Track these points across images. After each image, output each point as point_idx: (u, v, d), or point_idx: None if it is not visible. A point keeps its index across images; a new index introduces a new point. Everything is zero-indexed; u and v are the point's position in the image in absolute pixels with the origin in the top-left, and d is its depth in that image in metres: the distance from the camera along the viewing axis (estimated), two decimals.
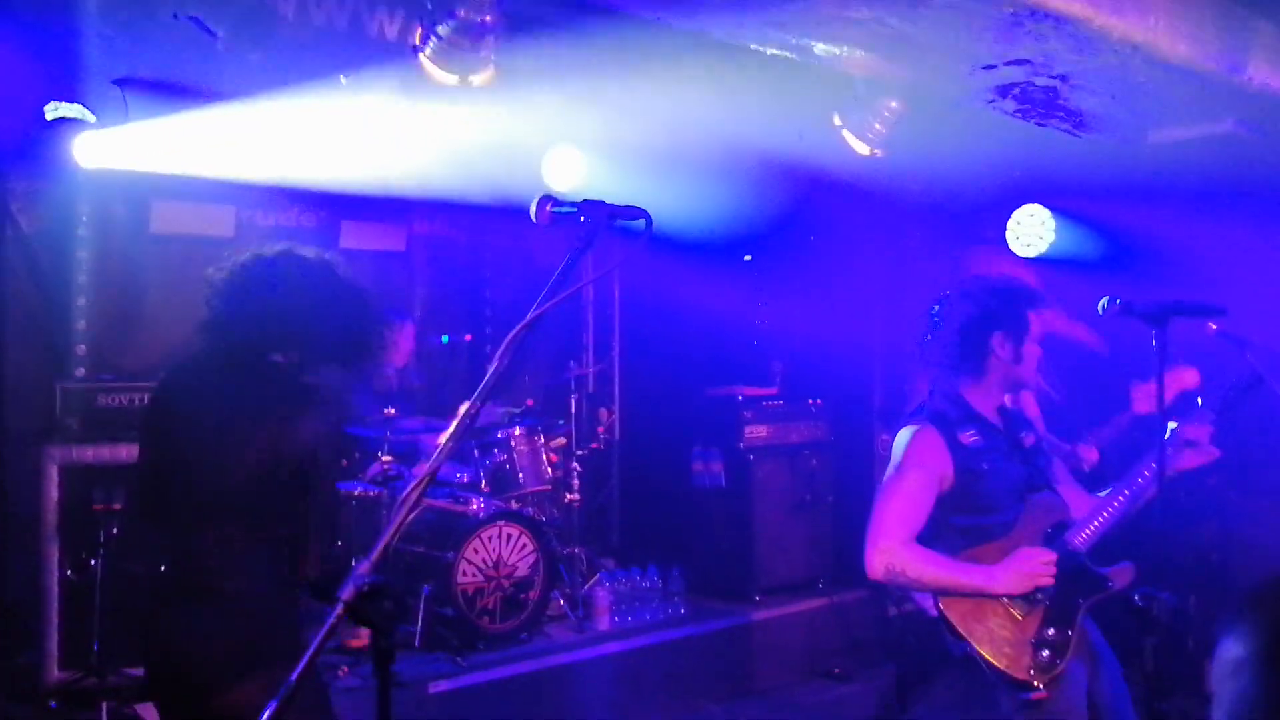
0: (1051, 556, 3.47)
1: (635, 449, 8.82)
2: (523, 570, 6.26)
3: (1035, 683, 3.40)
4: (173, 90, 5.79)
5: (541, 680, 6.05)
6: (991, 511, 3.59)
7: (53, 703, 5.27)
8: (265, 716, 1.96)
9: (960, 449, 3.58)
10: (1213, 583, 5.85)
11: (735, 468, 7.55)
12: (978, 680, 3.54)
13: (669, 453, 8.02)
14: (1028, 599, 3.46)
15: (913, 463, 3.58)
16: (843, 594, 7.55)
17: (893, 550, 3.48)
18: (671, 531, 7.96)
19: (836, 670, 7.18)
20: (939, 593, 3.51)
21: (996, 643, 3.45)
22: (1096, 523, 3.58)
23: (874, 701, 6.70)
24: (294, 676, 1.99)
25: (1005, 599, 3.46)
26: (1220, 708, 1.54)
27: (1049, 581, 3.45)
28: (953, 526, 3.60)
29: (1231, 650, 1.54)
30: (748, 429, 7.56)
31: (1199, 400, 3.98)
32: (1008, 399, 3.85)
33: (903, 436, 3.67)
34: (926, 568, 3.47)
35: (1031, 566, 3.44)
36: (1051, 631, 3.45)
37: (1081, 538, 3.58)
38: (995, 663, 3.43)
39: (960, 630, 3.47)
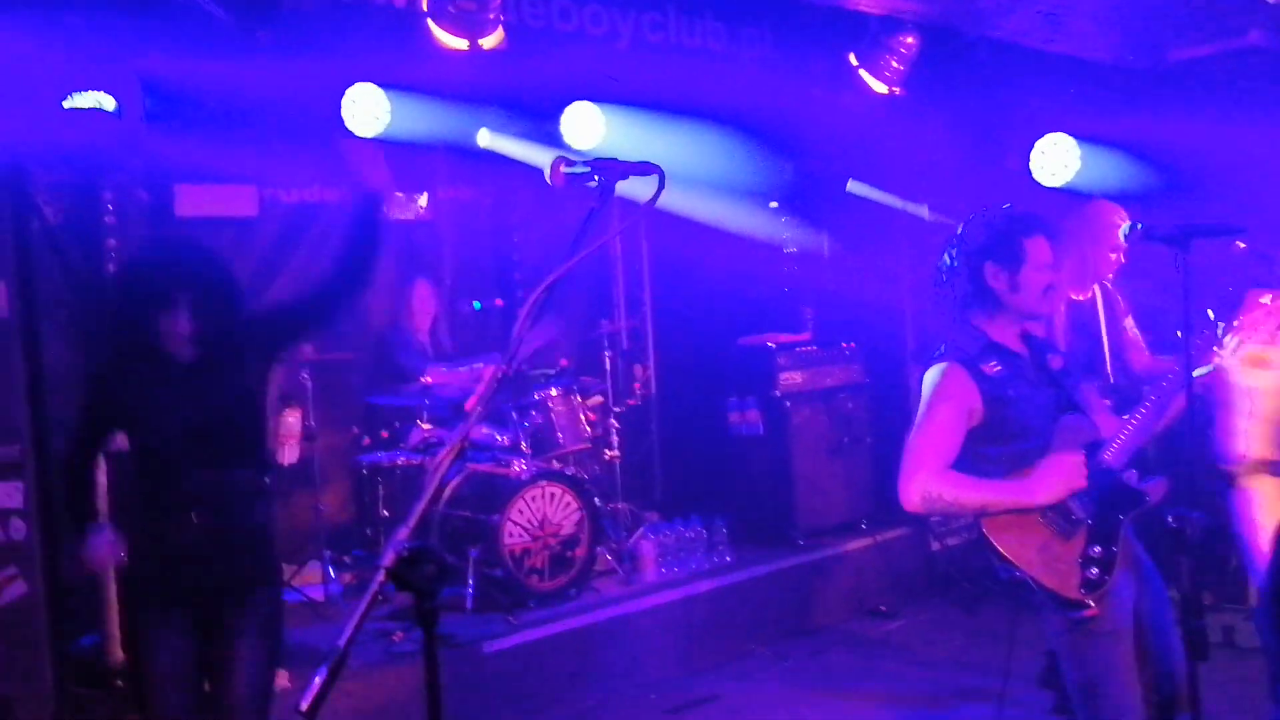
0: (1079, 457, 3.47)
1: (672, 403, 8.86)
2: (568, 528, 6.32)
3: (1087, 600, 3.41)
4: (188, 73, 5.82)
5: (593, 634, 6.12)
6: (1023, 438, 3.57)
7: (119, 682, 5.37)
8: (319, 683, 2.02)
9: (985, 380, 3.57)
10: None
11: (772, 415, 7.57)
12: (1025, 604, 3.55)
13: (706, 404, 8.06)
14: (1069, 520, 3.45)
15: (940, 398, 3.58)
16: (885, 533, 7.60)
17: (927, 478, 3.48)
18: (712, 482, 8.01)
19: (883, 608, 7.24)
20: (978, 513, 3.51)
21: (1045, 563, 3.44)
22: (1123, 435, 3.56)
23: (919, 637, 6.75)
24: (342, 643, 2.04)
25: (1047, 520, 3.45)
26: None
27: (1083, 483, 3.45)
28: (987, 458, 3.58)
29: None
30: (782, 376, 7.57)
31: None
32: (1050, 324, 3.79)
33: (929, 376, 3.66)
34: (961, 490, 3.48)
35: (1064, 470, 3.45)
36: (1097, 549, 3.45)
37: (1112, 452, 3.55)
38: (1045, 583, 3.42)
39: (1007, 555, 3.46)
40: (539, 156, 7.02)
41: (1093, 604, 3.41)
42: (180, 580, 3.54)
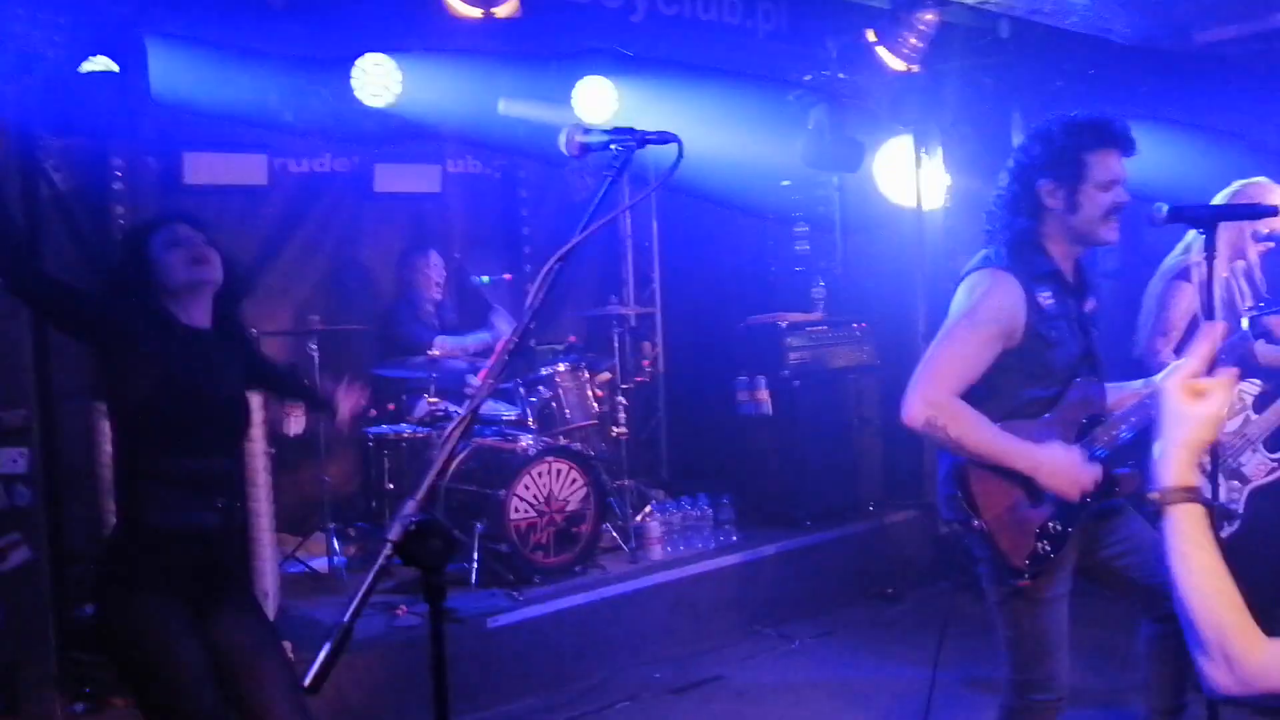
0: (1098, 474, 3.30)
1: (681, 380, 8.82)
2: (574, 504, 6.29)
3: (1026, 573, 3.32)
4: (199, 41, 5.77)
5: (597, 611, 6.10)
6: (1043, 384, 3.39)
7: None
8: (322, 658, 1.99)
9: (1036, 309, 3.32)
10: None
11: (781, 394, 7.52)
12: (968, 551, 3.47)
13: (714, 383, 8.01)
14: (1041, 492, 3.33)
15: (984, 312, 3.32)
16: (892, 515, 7.57)
17: (940, 405, 3.28)
18: (720, 461, 7.98)
19: (889, 590, 7.20)
20: (974, 459, 3.32)
21: (1008, 524, 3.33)
22: (1125, 426, 3.43)
23: (925, 621, 6.71)
24: (347, 618, 2.00)
25: (1026, 486, 3.32)
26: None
27: (1078, 498, 3.29)
28: (995, 386, 3.38)
29: None
30: (792, 355, 7.52)
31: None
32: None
33: (976, 280, 3.39)
34: (973, 432, 3.27)
35: (1079, 475, 3.28)
36: (1057, 526, 3.34)
37: (1108, 437, 3.42)
38: (1000, 543, 3.32)
39: (977, 502, 3.34)
40: (558, 123, 6.97)
41: (1029, 578, 3.33)
42: (189, 565, 3.32)
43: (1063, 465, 3.29)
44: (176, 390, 3.28)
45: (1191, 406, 1.99)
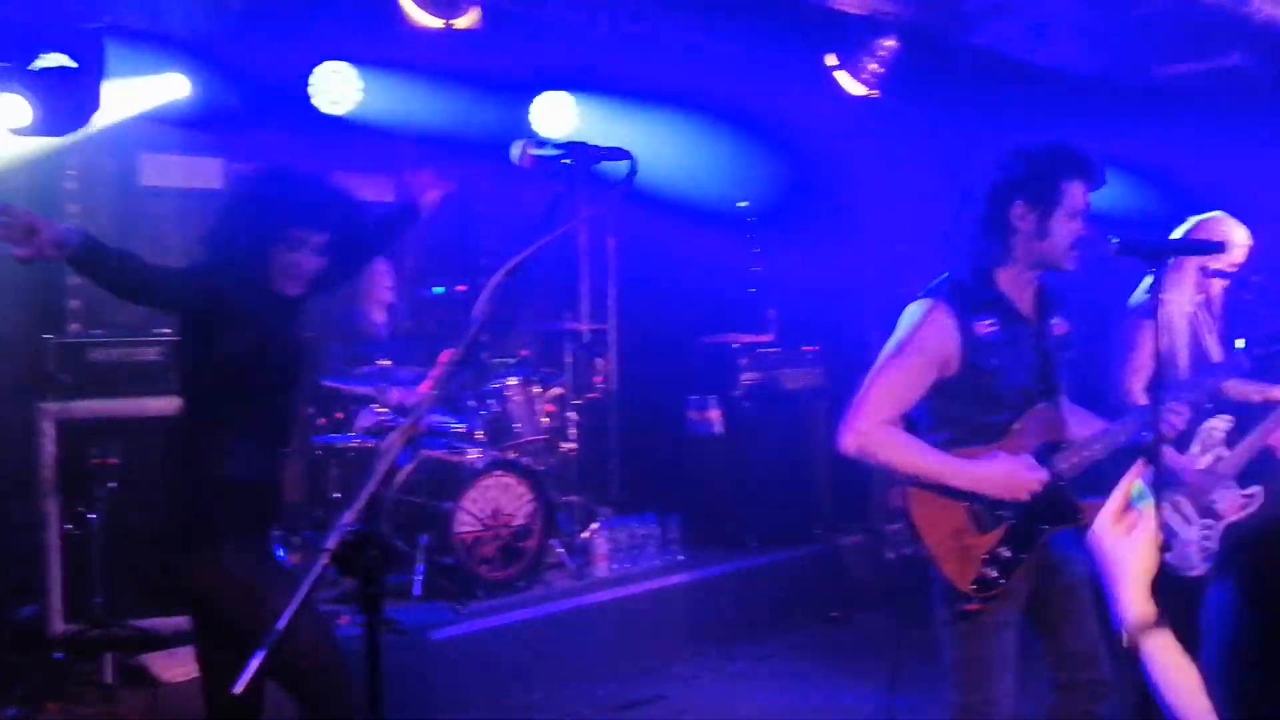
0: (1040, 474, 3.30)
1: (632, 398, 8.80)
2: (520, 519, 6.27)
3: (973, 597, 3.31)
4: (157, 40, 5.73)
5: (541, 627, 6.07)
6: (991, 409, 3.38)
7: (58, 654, 5.29)
8: (255, 664, 1.97)
9: (971, 338, 3.31)
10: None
11: (732, 415, 7.53)
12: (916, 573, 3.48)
13: (666, 401, 8.00)
14: (994, 515, 3.33)
15: (913, 344, 3.34)
16: (840, 539, 7.58)
17: (869, 433, 3.31)
18: (669, 480, 7.96)
19: (834, 614, 7.21)
20: (912, 481, 3.33)
21: (951, 549, 3.32)
22: (1088, 451, 3.44)
23: (868, 646, 6.72)
24: (281, 624, 1.99)
25: (972, 508, 3.33)
26: (1208, 646, 1.55)
27: (1027, 497, 3.29)
28: (944, 414, 3.39)
29: (1217, 594, 1.55)
30: (744, 376, 7.54)
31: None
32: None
33: (912, 311, 3.39)
34: (900, 454, 3.30)
35: (1018, 479, 3.27)
36: (1007, 552, 3.33)
37: (1070, 464, 3.43)
38: (944, 567, 3.32)
39: (918, 527, 3.34)
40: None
41: (977, 603, 3.33)
42: (265, 511, 3.59)
43: (1003, 471, 3.29)
44: (260, 351, 3.43)
45: (1125, 542, 2.02)
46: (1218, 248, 3.90)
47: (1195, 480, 4.58)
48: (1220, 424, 4.69)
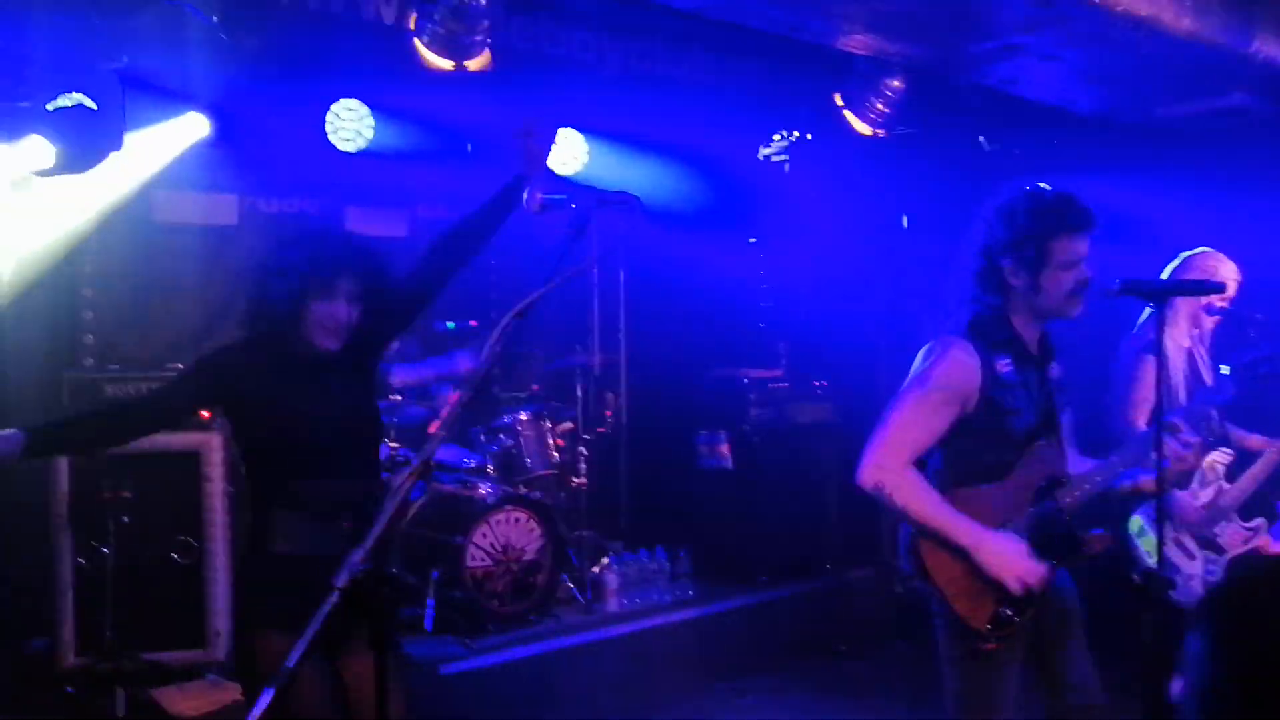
0: (1043, 570, 3.30)
1: (642, 432, 8.80)
2: (531, 554, 6.28)
3: (989, 637, 3.32)
4: (172, 78, 5.80)
5: (551, 661, 6.07)
6: (1000, 449, 3.40)
7: (69, 688, 5.32)
8: (265, 703, 1.99)
9: (992, 375, 3.34)
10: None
11: (741, 450, 7.54)
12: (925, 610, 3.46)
13: (676, 436, 8.02)
14: None
15: (939, 382, 3.34)
16: (850, 573, 7.58)
17: (891, 471, 3.31)
18: (679, 514, 7.96)
19: (844, 648, 7.20)
20: (918, 530, 3.35)
21: (964, 590, 3.32)
22: (1088, 485, 3.45)
23: (879, 680, 6.71)
24: (292, 662, 2.01)
25: None
26: (1189, 693, 1.57)
27: (1025, 589, 3.27)
28: (955, 448, 3.41)
29: (1193, 644, 1.57)
30: (753, 411, 7.56)
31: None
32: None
33: (935, 348, 3.41)
34: (919, 504, 3.30)
35: (1026, 572, 3.27)
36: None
37: (1072, 498, 3.44)
38: (956, 607, 3.32)
39: (930, 570, 3.35)
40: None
41: (994, 643, 3.34)
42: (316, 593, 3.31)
43: (1007, 554, 3.29)
44: (293, 424, 3.29)
45: None
46: (1218, 287, 3.93)
47: (1197, 516, 4.60)
48: (1221, 458, 4.70)
